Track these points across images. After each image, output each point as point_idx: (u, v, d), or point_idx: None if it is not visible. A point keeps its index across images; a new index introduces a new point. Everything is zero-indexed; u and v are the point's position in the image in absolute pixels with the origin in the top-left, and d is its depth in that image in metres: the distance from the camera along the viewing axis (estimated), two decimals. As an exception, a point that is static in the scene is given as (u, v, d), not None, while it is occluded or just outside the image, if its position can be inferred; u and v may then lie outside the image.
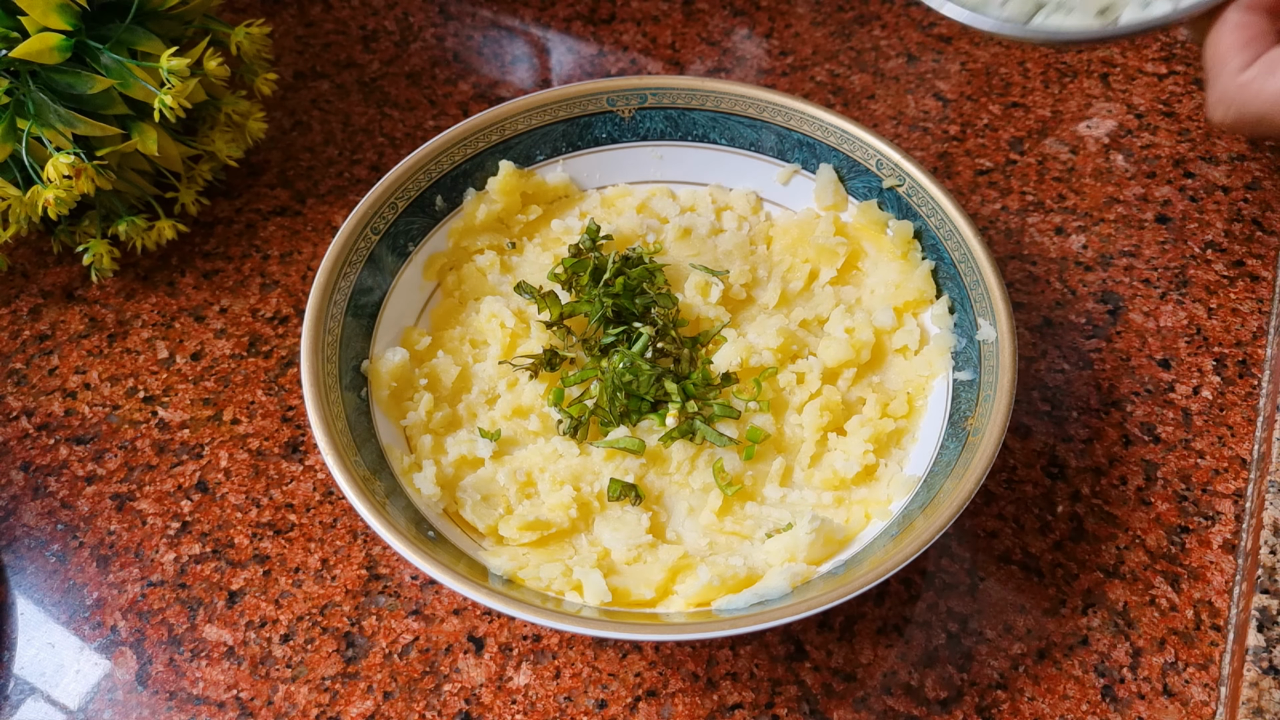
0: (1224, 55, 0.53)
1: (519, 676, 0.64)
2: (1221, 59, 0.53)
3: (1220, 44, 0.53)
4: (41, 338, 0.80)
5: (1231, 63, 0.53)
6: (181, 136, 0.81)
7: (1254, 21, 0.53)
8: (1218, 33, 0.54)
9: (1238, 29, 0.53)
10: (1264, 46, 0.52)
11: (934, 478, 0.63)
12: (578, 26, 1.01)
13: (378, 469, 0.63)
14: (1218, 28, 0.54)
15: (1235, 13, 0.53)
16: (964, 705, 0.63)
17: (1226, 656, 0.64)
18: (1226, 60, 0.53)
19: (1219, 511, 0.70)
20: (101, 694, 0.64)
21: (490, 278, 0.75)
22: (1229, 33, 0.53)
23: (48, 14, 0.69)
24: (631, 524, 0.64)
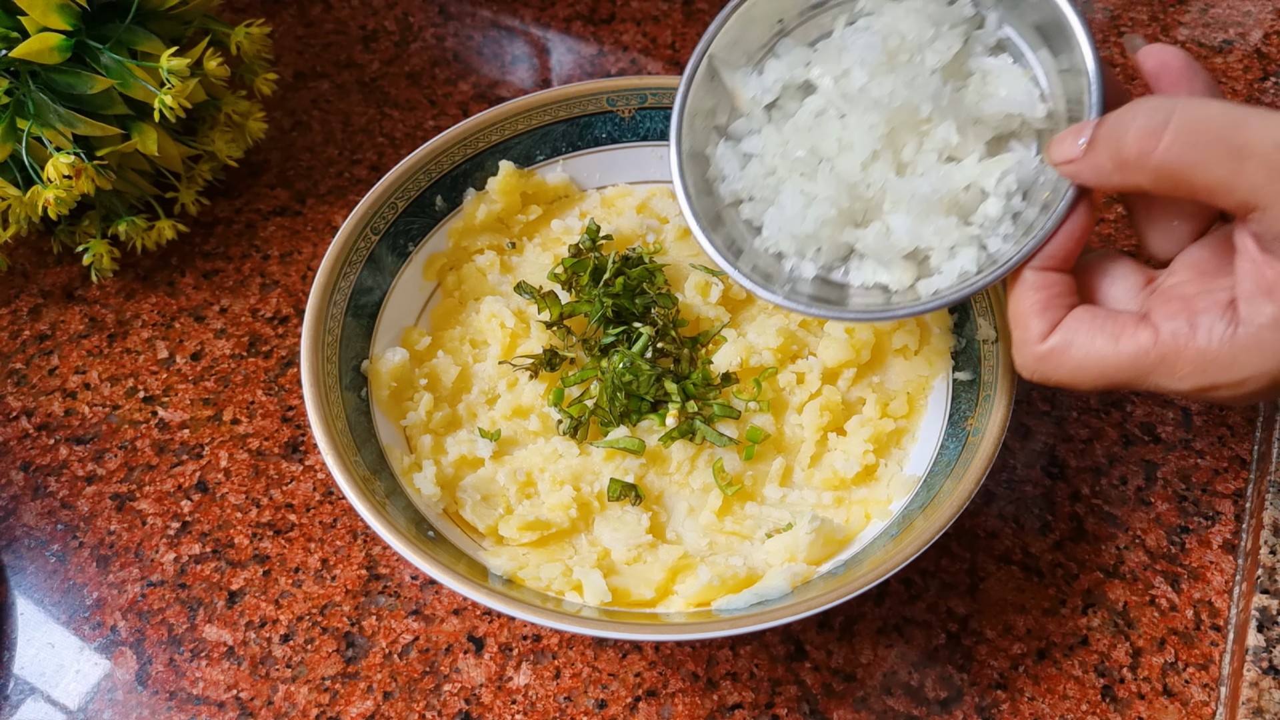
0: (1023, 319, 0.53)
1: (519, 676, 0.64)
2: (1021, 323, 0.53)
3: (1019, 307, 0.53)
4: (41, 338, 0.80)
5: (1031, 328, 0.53)
6: (181, 136, 0.81)
7: (1050, 281, 0.53)
8: (1016, 295, 0.54)
9: (1034, 290, 0.53)
10: (1060, 312, 0.52)
11: (934, 478, 0.63)
12: (578, 26, 1.01)
13: (378, 469, 0.63)
14: (1016, 289, 0.54)
15: (1031, 272, 0.53)
16: (964, 705, 0.63)
17: (1226, 656, 0.64)
18: (1027, 325, 0.53)
19: (1219, 511, 0.70)
20: (101, 694, 0.64)
21: (490, 278, 0.75)
22: (1027, 294, 0.53)
23: (48, 14, 0.69)
24: (631, 524, 0.64)
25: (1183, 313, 0.49)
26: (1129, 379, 0.50)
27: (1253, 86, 0.94)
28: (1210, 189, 0.47)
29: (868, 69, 0.58)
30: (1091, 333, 0.51)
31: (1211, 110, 0.46)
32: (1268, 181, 0.45)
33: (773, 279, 0.62)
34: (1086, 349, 0.51)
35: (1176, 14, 1.00)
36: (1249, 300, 0.47)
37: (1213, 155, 0.45)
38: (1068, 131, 0.52)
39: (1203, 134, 0.46)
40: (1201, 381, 0.49)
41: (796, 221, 0.60)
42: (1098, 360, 0.51)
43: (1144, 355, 0.50)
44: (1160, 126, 0.47)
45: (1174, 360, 0.49)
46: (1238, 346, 0.47)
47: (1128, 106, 0.49)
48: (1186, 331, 0.49)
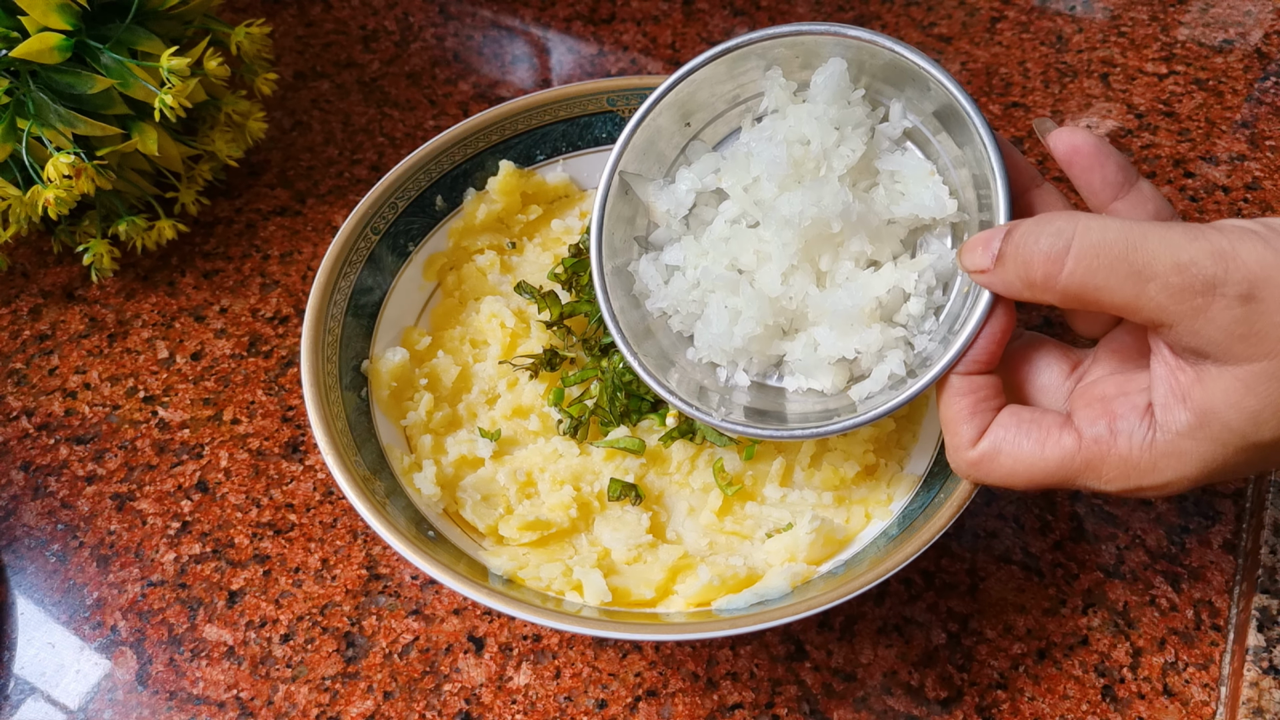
0: (953, 425, 0.54)
1: (519, 676, 0.64)
2: (951, 429, 0.54)
3: (948, 413, 0.54)
4: (41, 338, 0.80)
5: (961, 434, 0.53)
6: (181, 136, 0.81)
7: (976, 385, 0.53)
8: (945, 401, 0.54)
9: (961, 396, 0.53)
10: (988, 416, 0.53)
11: (934, 478, 0.63)
12: (578, 26, 1.01)
13: (378, 469, 0.63)
14: (944, 396, 0.54)
15: (956, 378, 0.54)
16: (964, 705, 0.63)
17: (1226, 656, 0.64)
18: (957, 431, 0.54)
19: (1219, 511, 0.70)
20: (101, 694, 0.64)
21: (490, 278, 0.75)
22: (954, 400, 0.53)
23: (48, 14, 0.69)
24: (631, 524, 0.64)
25: (1103, 417, 0.50)
26: (1058, 482, 0.51)
27: (1252, 86, 0.94)
28: (1117, 308, 0.47)
29: (775, 181, 0.59)
30: (1018, 438, 0.52)
31: (1110, 234, 0.47)
32: (1171, 302, 0.45)
33: (707, 391, 0.62)
34: (1014, 456, 0.52)
35: (1176, 14, 1.00)
36: (1164, 406, 0.48)
37: (1115, 279, 0.46)
38: (977, 240, 0.52)
39: (1103, 258, 0.46)
40: (1126, 485, 0.50)
41: (725, 338, 0.61)
42: (1026, 466, 0.52)
43: (1069, 461, 0.50)
44: (1062, 252, 0.47)
45: (1098, 466, 0.50)
46: (1157, 453, 0.48)
47: (1033, 222, 0.50)
48: (1108, 438, 0.50)
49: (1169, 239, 0.45)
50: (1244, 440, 0.46)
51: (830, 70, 0.59)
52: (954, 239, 0.59)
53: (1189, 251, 0.45)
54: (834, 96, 0.59)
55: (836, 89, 0.59)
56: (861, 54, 0.59)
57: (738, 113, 0.64)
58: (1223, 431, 0.47)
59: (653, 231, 0.66)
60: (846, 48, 0.59)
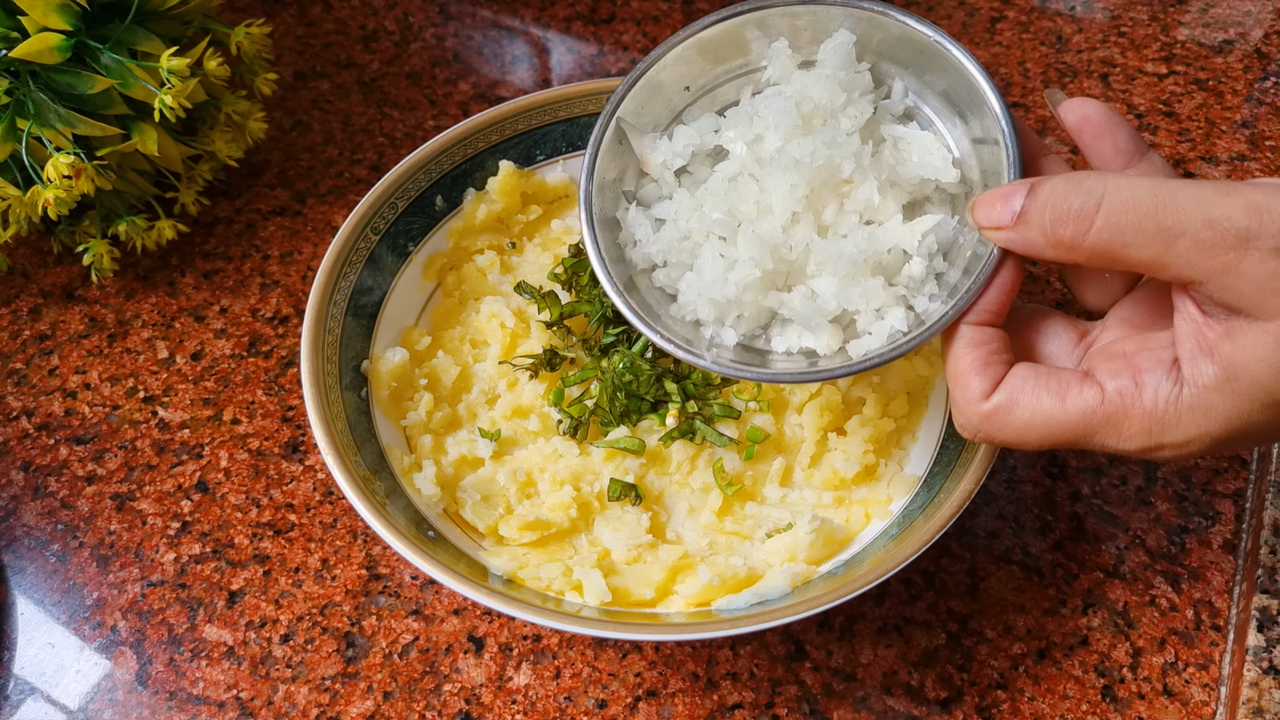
0: (963, 377, 0.52)
1: (519, 676, 0.64)
2: (962, 381, 0.52)
3: (958, 365, 0.52)
4: (41, 338, 0.80)
5: (972, 387, 0.51)
6: (181, 136, 0.81)
7: (987, 337, 0.52)
8: (955, 352, 0.53)
9: (972, 347, 0.52)
10: (1000, 369, 0.51)
11: (934, 478, 0.63)
12: (578, 26, 1.01)
13: (378, 469, 0.63)
14: (954, 346, 0.53)
15: (966, 328, 0.52)
16: (964, 705, 0.63)
17: (1226, 656, 0.64)
18: (967, 383, 0.52)
19: (1219, 511, 0.70)
20: (101, 694, 0.64)
21: (490, 278, 0.75)
22: (965, 352, 0.52)
23: (48, 14, 0.69)
24: (631, 524, 0.64)
25: (1127, 371, 0.49)
26: (1075, 438, 0.50)
27: (1252, 86, 0.94)
28: (1145, 265, 0.47)
29: (782, 132, 0.58)
30: (1036, 390, 0.50)
31: (1139, 191, 0.46)
32: (1201, 259, 0.45)
33: (693, 344, 0.59)
34: (1032, 408, 0.50)
35: (1176, 14, 1.00)
36: (1191, 361, 0.47)
37: (1144, 236, 0.46)
38: (994, 195, 0.51)
39: (1132, 216, 0.46)
40: (1147, 442, 0.48)
41: (717, 286, 0.58)
42: (1044, 419, 0.50)
43: (1091, 414, 0.49)
44: (1092, 210, 0.47)
45: (1121, 420, 0.48)
46: (1183, 407, 0.47)
47: (1062, 180, 0.49)
48: (1133, 390, 0.48)
49: (1200, 195, 0.45)
50: (1270, 396, 0.46)
51: (838, 40, 0.59)
52: (954, 212, 0.58)
53: (1221, 207, 0.44)
54: (842, 64, 0.59)
55: (845, 58, 0.58)
56: (871, 28, 0.58)
57: (735, 86, 0.63)
58: (1251, 386, 0.46)
59: (643, 187, 0.64)
60: (856, 20, 0.58)
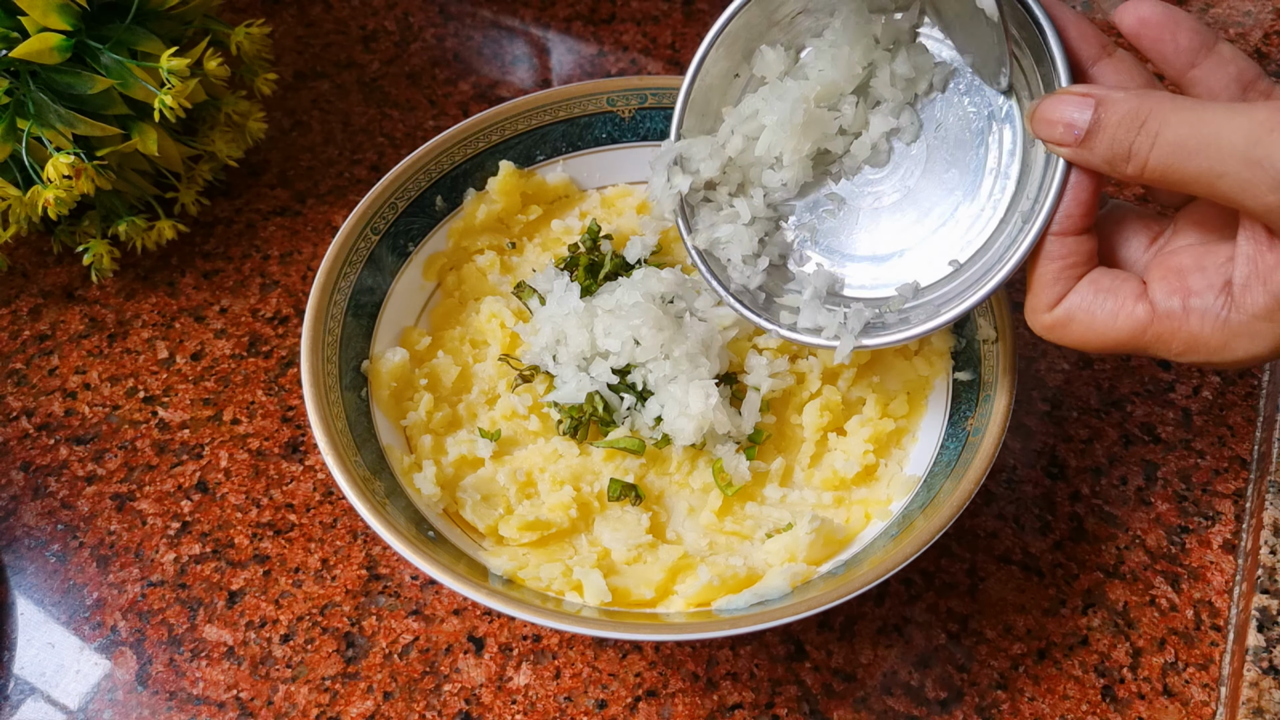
0: (1035, 287, 0.55)
1: (519, 676, 0.64)
2: (1033, 290, 0.55)
3: (1031, 275, 0.55)
4: (41, 338, 0.80)
5: (1041, 297, 0.54)
6: (181, 136, 0.81)
7: (1067, 250, 0.53)
8: (1035, 262, 0.54)
9: (1048, 260, 0.54)
10: (1071, 280, 0.54)
11: (934, 478, 0.63)
12: (578, 26, 1.01)
13: (378, 469, 0.63)
14: (1038, 256, 0.54)
15: (1050, 240, 0.54)
16: (964, 705, 0.63)
17: (1226, 656, 0.64)
18: (1037, 293, 0.54)
19: (1219, 511, 0.70)
20: (101, 694, 0.64)
21: (490, 278, 0.75)
22: (1044, 263, 0.54)
23: (48, 14, 0.69)
24: (631, 524, 0.64)
25: (1178, 293, 0.51)
26: (1129, 350, 0.53)
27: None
28: (1204, 196, 0.48)
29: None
30: (1093, 307, 0.53)
31: (1184, 129, 0.47)
32: (1246, 197, 0.46)
33: (772, 298, 0.64)
34: (1087, 324, 0.53)
35: (1176, 14, 1.00)
36: (1244, 287, 0.49)
37: (1192, 174, 0.47)
38: (1054, 105, 0.51)
39: (1180, 155, 0.47)
40: (1195, 358, 0.51)
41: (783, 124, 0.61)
42: (1098, 335, 0.53)
43: (1140, 333, 0.51)
44: (1146, 148, 0.48)
45: (1168, 339, 0.51)
46: (1230, 332, 0.49)
47: (1125, 108, 0.49)
48: (1180, 314, 0.50)
49: (1250, 131, 0.45)
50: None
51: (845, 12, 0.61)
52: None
53: (1265, 145, 0.44)
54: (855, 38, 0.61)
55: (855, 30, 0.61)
56: None
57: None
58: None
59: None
60: None
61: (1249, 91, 0.52)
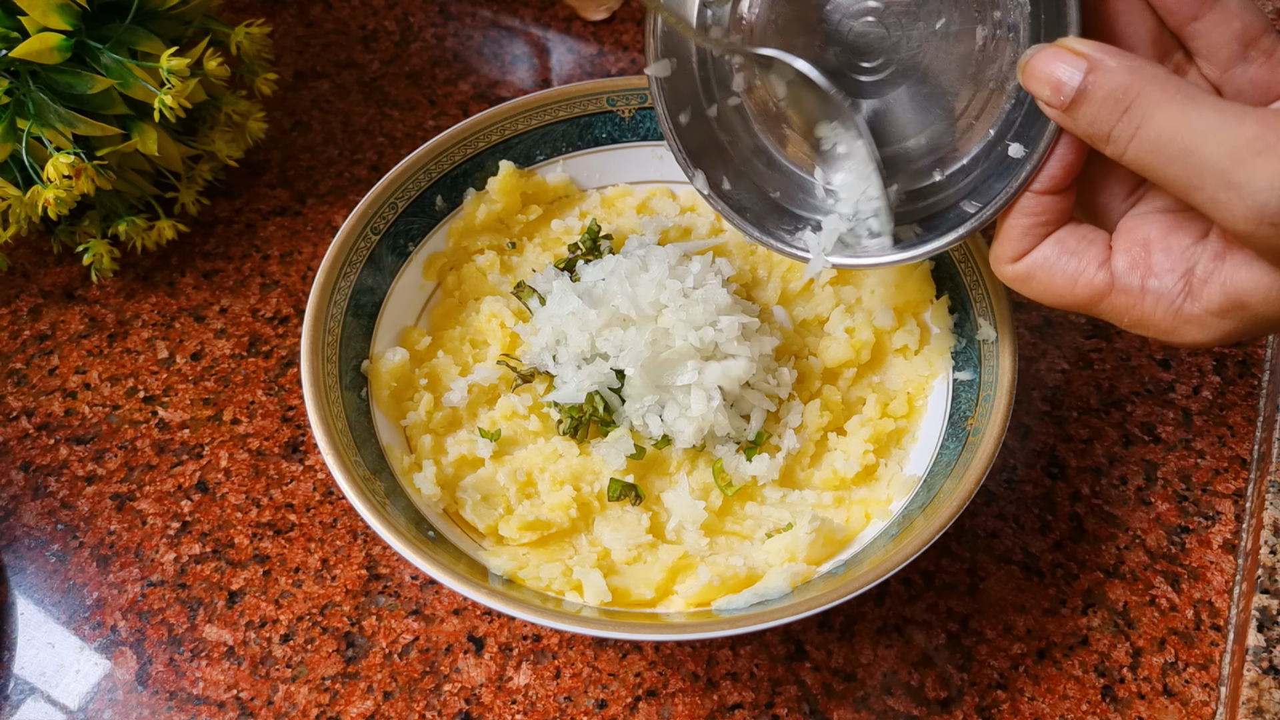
0: (1001, 237, 0.55)
1: (519, 676, 0.64)
2: (999, 239, 0.55)
3: (1003, 224, 0.55)
4: (41, 338, 0.80)
5: (1005, 248, 0.54)
6: (181, 136, 0.81)
7: (1041, 208, 0.53)
8: (1008, 214, 0.54)
9: (1022, 215, 0.53)
10: (1038, 238, 0.53)
11: (934, 478, 0.63)
12: (578, 26, 1.01)
13: (378, 469, 0.63)
14: (1012, 208, 0.54)
15: (1026, 196, 0.53)
16: (964, 705, 0.63)
17: (1226, 656, 0.64)
18: (1002, 244, 0.55)
19: (1219, 511, 0.70)
20: (101, 694, 0.64)
21: (490, 278, 0.75)
22: (1014, 216, 0.54)
23: (48, 14, 0.69)
24: (631, 524, 0.64)
25: (1139, 268, 0.51)
26: (1083, 311, 0.53)
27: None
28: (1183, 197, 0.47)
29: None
30: (1054, 267, 0.53)
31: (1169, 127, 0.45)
32: (1218, 214, 0.45)
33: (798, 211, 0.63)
34: (1046, 284, 0.53)
35: (1176, 14, 1.00)
36: (1205, 280, 0.49)
37: (1169, 175, 0.46)
38: (1046, 65, 0.49)
39: (1160, 156, 0.46)
40: (1141, 332, 0.52)
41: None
42: (1055, 295, 0.53)
43: (1096, 300, 0.52)
44: (1127, 138, 0.47)
45: (1121, 312, 0.52)
46: (1180, 319, 0.50)
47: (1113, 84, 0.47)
48: (1137, 291, 0.51)
49: (1234, 148, 0.43)
50: (1267, 324, 0.48)
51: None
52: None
53: (1246, 170, 0.43)
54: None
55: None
56: None
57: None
58: (1250, 317, 0.48)
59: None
60: None
61: (1250, 49, 0.50)
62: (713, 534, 0.65)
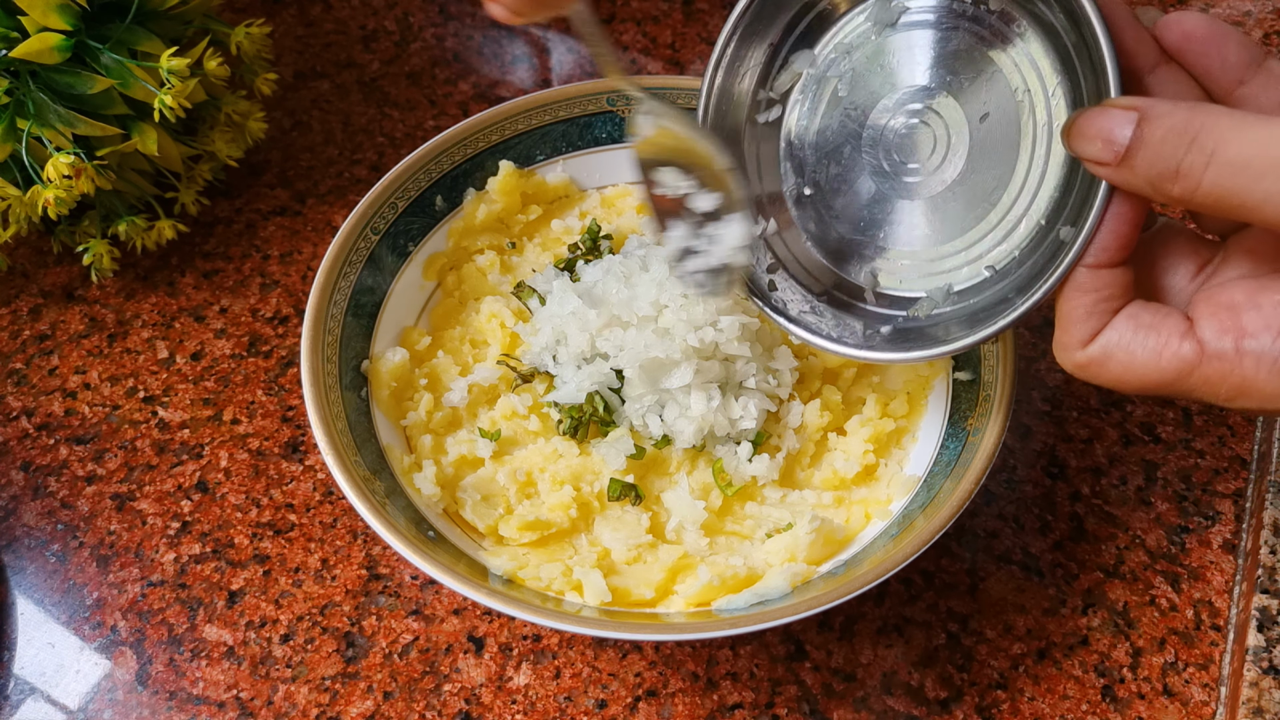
0: (1065, 322, 0.50)
1: (519, 676, 0.64)
2: (1063, 325, 0.50)
3: (1063, 308, 0.50)
4: (41, 338, 0.80)
5: (1072, 333, 0.50)
6: (181, 136, 0.81)
7: (1101, 282, 0.49)
8: (1064, 295, 0.50)
9: (1079, 293, 0.49)
10: (1105, 316, 0.49)
11: (934, 478, 0.63)
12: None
13: (378, 469, 0.63)
14: (1065, 289, 0.50)
15: (1081, 271, 0.49)
16: (964, 705, 0.63)
17: (1226, 656, 0.64)
18: (1068, 329, 0.50)
19: (1219, 511, 0.70)
20: (101, 694, 0.64)
21: (490, 278, 0.75)
22: (1072, 296, 0.49)
23: (48, 14, 0.69)
24: (631, 524, 0.64)
25: (1230, 332, 0.46)
26: (1170, 392, 0.48)
27: (1253, 86, 0.94)
28: (1261, 224, 0.44)
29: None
30: (1132, 344, 0.48)
31: (1249, 148, 0.42)
32: None
33: (848, 314, 0.62)
34: (1126, 363, 0.48)
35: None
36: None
37: (1254, 201, 0.42)
38: (1093, 120, 0.47)
39: (1241, 180, 0.42)
40: (1245, 404, 0.47)
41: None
42: (1138, 375, 0.48)
43: (1186, 374, 0.47)
44: (1200, 168, 0.43)
45: (1217, 382, 0.46)
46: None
47: (1169, 125, 0.44)
48: (1233, 355, 0.46)
49: None
50: None
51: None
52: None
53: None
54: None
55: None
56: None
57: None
58: None
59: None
60: None
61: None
62: (713, 534, 0.65)
